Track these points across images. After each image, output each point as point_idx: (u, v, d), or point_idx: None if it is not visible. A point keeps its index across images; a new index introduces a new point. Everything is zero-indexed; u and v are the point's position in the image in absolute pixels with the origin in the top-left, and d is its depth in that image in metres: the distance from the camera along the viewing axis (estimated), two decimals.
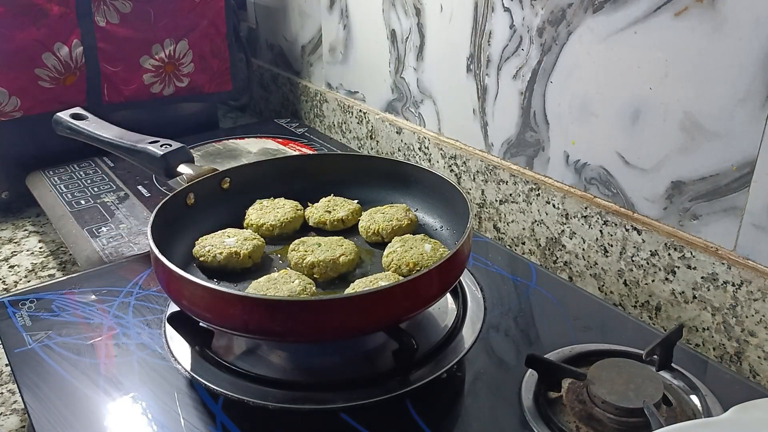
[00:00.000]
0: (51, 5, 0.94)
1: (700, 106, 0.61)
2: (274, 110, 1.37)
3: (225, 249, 0.65)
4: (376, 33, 1.00)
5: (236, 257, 0.64)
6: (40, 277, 0.83)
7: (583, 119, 0.72)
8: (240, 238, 0.66)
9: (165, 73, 1.08)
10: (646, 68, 0.64)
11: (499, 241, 0.87)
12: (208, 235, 0.68)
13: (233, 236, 0.67)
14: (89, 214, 0.86)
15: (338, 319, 0.51)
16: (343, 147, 1.13)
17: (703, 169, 0.62)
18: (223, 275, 0.65)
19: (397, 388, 0.55)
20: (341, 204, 0.74)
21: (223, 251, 0.64)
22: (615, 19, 0.66)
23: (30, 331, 0.62)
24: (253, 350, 0.60)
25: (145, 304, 0.67)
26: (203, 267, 0.66)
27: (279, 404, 0.53)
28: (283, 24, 1.26)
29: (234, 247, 0.65)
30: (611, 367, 0.53)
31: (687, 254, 0.64)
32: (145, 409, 0.53)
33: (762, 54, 0.55)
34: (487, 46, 0.81)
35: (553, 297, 0.68)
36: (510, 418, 0.52)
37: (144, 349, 0.60)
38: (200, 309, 0.53)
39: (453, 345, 0.60)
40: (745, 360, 0.62)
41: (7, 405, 0.62)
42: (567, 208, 0.76)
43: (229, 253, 0.64)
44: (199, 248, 0.66)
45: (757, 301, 0.60)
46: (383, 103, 1.04)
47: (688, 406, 0.52)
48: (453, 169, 0.91)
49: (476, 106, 0.86)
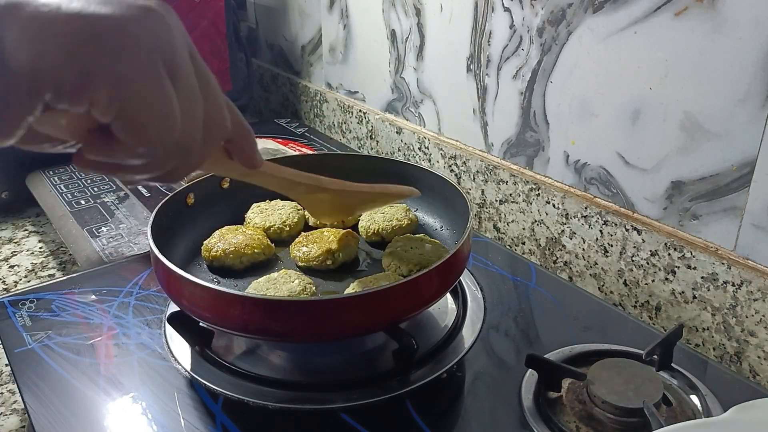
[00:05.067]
0: None
1: (700, 106, 0.61)
2: (274, 110, 1.37)
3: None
4: (376, 33, 1.00)
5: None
6: (40, 277, 0.83)
7: (583, 119, 0.72)
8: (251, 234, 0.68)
9: None
10: (646, 68, 0.64)
11: (499, 241, 0.87)
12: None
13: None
14: (89, 214, 0.86)
15: (338, 319, 0.51)
16: (343, 147, 1.13)
17: (703, 169, 0.62)
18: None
19: (397, 388, 0.55)
20: None
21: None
22: (615, 19, 0.66)
23: (30, 331, 0.62)
24: (253, 350, 0.60)
25: (145, 304, 0.67)
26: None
27: (279, 404, 0.53)
28: (283, 24, 1.26)
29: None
30: (611, 367, 0.53)
31: (687, 254, 0.64)
32: (145, 409, 0.53)
33: (762, 54, 0.55)
34: (487, 46, 0.81)
35: (553, 297, 0.68)
36: (510, 418, 0.52)
37: (144, 349, 0.60)
38: (200, 309, 0.53)
39: (453, 345, 0.60)
40: (745, 360, 0.62)
41: (7, 405, 0.62)
42: (567, 208, 0.76)
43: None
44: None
45: (757, 301, 0.60)
46: (383, 103, 1.04)
47: (688, 406, 0.52)
48: (453, 169, 0.91)
49: (476, 106, 0.86)
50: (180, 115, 0.33)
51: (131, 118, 0.31)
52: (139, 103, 0.31)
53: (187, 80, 0.34)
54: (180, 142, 0.33)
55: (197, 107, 0.34)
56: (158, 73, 0.32)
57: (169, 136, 0.33)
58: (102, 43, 0.30)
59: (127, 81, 0.30)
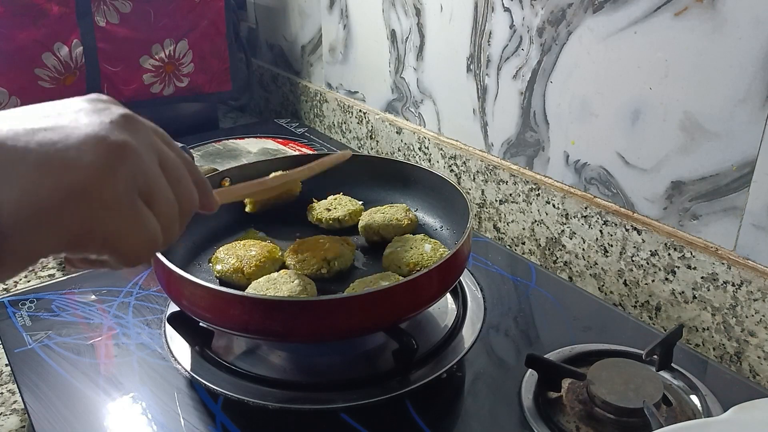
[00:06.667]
0: (51, 5, 0.94)
1: (700, 106, 0.61)
2: (274, 110, 1.38)
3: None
4: (376, 33, 1.00)
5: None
6: (40, 277, 0.82)
7: (583, 119, 0.72)
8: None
9: (165, 73, 1.08)
10: (646, 68, 0.64)
11: (499, 241, 0.87)
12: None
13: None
14: None
15: (338, 319, 0.51)
16: (343, 147, 1.13)
17: (703, 169, 0.62)
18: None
19: (397, 388, 0.55)
20: (344, 203, 0.74)
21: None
22: (615, 19, 0.66)
23: (30, 331, 0.62)
24: (253, 350, 0.60)
25: (145, 304, 0.67)
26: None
27: (279, 404, 0.53)
28: (283, 24, 1.26)
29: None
30: (611, 367, 0.53)
31: (687, 254, 0.64)
32: (145, 409, 0.53)
33: (762, 54, 0.55)
34: (487, 46, 0.81)
35: (553, 297, 0.68)
36: (510, 418, 0.52)
37: (144, 349, 0.60)
38: (200, 309, 0.53)
39: (453, 345, 0.60)
40: (745, 360, 0.62)
41: (7, 405, 0.62)
42: (567, 208, 0.76)
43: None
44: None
45: (757, 301, 0.60)
46: (383, 103, 1.04)
47: (688, 406, 0.52)
48: (453, 169, 0.91)
49: (476, 106, 0.86)
50: (161, 229, 0.36)
51: (121, 255, 0.35)
52: (127, 244, 0.34)
53: (162, 195, 0.36)
54: (163, 245, 0.37)
55: (173, 212, 0.37)
56: (138, 211, 0.35)
57: (155, 249, 0.36)
58: (86, 208, 0.32)
59: (114, 233, 0.34)
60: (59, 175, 0.31)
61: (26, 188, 0.30)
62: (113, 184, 0.33)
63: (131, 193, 0.34)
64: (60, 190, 0.31)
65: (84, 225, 0.32)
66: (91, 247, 0.34)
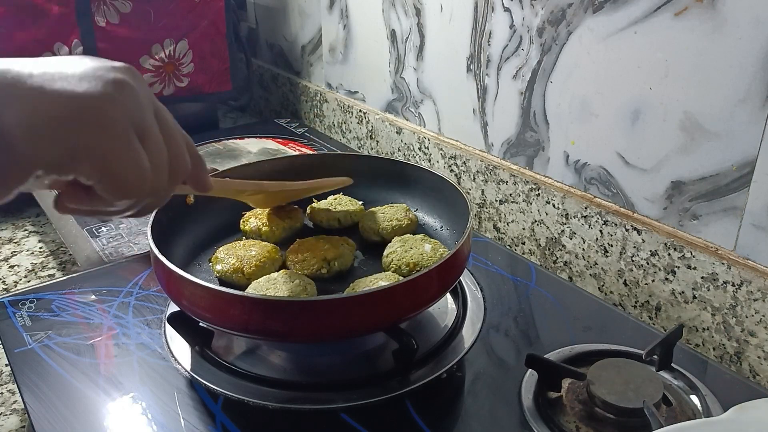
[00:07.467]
0: (51, 5, 0.94)
1: (700, 106, 0.61)
2: (274, 110, 1.38)
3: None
4: (376, 33, 1.00)
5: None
6: (40, 277, 0.83)
7: (583, 119, 0.72)
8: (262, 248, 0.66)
9: (165, 73, 1.08)
10: (646, 68, 0.64)
11: (499, 241, 0.87)
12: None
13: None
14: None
15: (338, 319, 0.51)
16: (343, 147, 1.13)
17: (703, 169, 0.62)
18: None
19: (397, 388, 0.55)
20: (344, 203, 0.74)
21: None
22: (615, 19, 0.66)
23: (30, 331, 0.62)
24: (253, 350, 0.60)
25: (145, 304, 0.67)
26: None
27: (279, 404, 0.53)
28: (283, 24, 1.26)
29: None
30: (611, 367, 0.53)
31: (687, 254, 0.64)
32: (145, 409, 0.53)
33: (762, 54, 0.55)
34: (487, 46, 0.81)
35: (553, 297, 0.68)
36: (510, 418, 0.52)
37: (144, 349, 0.60)
38: (200, 309, 0.54)
39: (453, 345, 0.60)
40: (745, 360, 0.62)
41: (7, 405, 0.62)
42: (567, 208, 0.76)
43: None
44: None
45: (757, 301, 0.60)
46: (383, 103, 1.04)
47: (688, 406, 0.52)
48: (453, 169, 0.92)
49: (476, 106, 0.86)
50: (150, 169, 0.39)
51: (110, 180, 0.37)
52: (118, 168, 0.37)
53: (154, 138, 0.39)
54: (151, 189, 0.39)
55: (163, 158, 0.40)
56: (131, 140, 0.37)
57: (143, 187, 0.39)
58: (84, 125, 0.35)
59: (106, 153, 0.36)
60: (61, 94, 0.35)
61: (32, 102, 0.34)
62: (110, 109, 0.36)
63: (125, 122, 0.37)
64: (61, 106, 0.35)
65: (81, 139, 0.35)
66: (85, 164, 0.36)
